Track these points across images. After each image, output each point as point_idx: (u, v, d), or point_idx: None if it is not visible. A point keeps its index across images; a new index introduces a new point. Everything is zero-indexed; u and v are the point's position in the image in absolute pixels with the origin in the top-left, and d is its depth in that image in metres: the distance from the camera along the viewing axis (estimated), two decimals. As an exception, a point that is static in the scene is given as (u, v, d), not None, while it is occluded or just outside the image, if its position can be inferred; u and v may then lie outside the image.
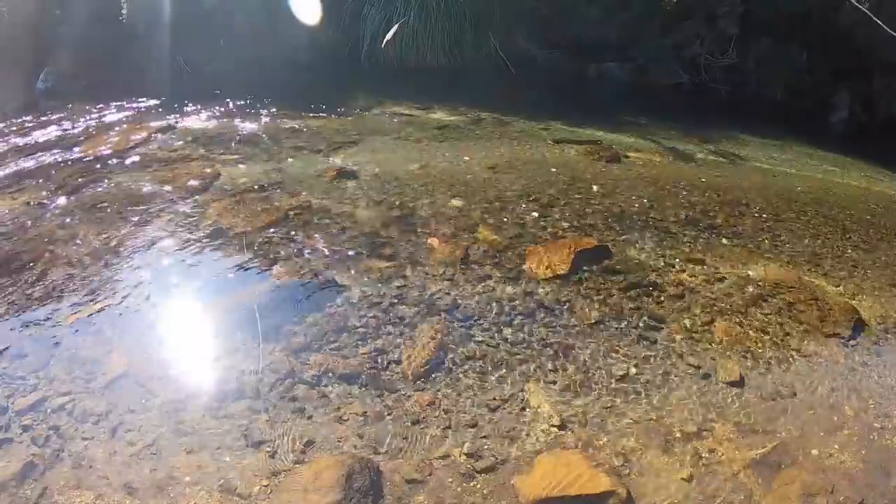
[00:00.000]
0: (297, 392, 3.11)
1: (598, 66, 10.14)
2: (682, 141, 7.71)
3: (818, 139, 9.00)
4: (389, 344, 3.46)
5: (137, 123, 6.57)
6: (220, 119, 6.86)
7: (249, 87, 7.85)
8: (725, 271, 4.54)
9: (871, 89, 10.33)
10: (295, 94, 7.89)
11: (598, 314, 3.86)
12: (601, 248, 4.51)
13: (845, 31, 9.66)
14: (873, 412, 3.44)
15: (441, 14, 9.22)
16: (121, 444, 2.78)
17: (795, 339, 3.91)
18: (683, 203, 5.60)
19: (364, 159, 5.86)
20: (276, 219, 4.61)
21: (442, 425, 2.99)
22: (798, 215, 5.76)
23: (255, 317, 3.56)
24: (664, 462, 2.93)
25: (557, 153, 6.55)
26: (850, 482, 2.95)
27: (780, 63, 10.20)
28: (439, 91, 8.47)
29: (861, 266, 4.97)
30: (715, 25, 9.83)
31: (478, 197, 5.20)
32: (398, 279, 4.01)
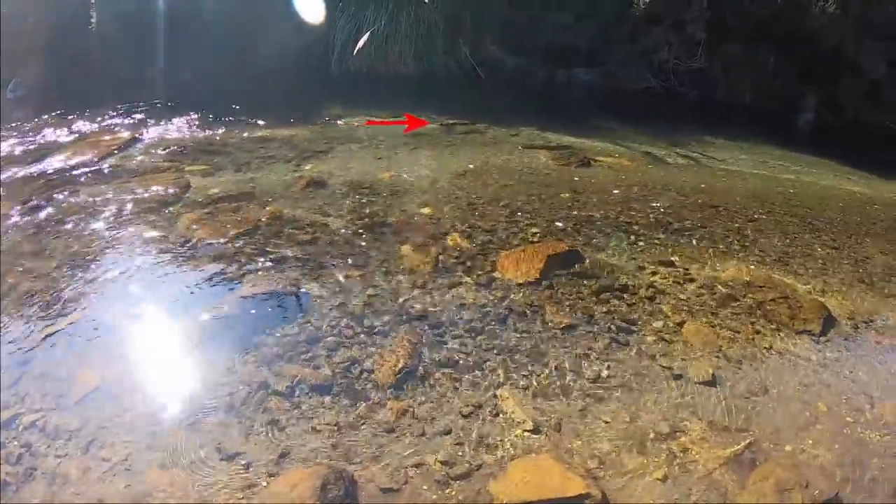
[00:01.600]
0: (271, 403, 3.10)
1: (567, 72, 10.28)
2: (652, 145, 7.84)
3: (786, 141, 9.21)
4: (362, 353, 3.47)
5: (107, 133, 6.53)
6: (191, 129, 6.85)
7: (220, 95, 7.86)
8: (696, 272, 4.61)
9: (838, 91, 10.57)
10: (265, 102, 7.90)
11: (569, 318, 3.89)
12: (572, 252, 4.56)
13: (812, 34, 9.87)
14: (845, 406, 3.52)
15: (411, 21, 9.29)
16: (94, 461, 2.75)
17: (766, 338, 3.99)
18: (653, 206, 5.69)
19: (335, 168, 5.89)
20: (247, 229, 4.62)
21: (416, 433, 3.00)
22: (767, 216, 5.88)
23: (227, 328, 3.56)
24: (639, 463, 2.96)
25: (528, 159, 6.62)
26: (824, 476, 3.01)
27: (747, 67, 10.41)
28: (410, 98, 8.54)
29: (830, 264, 5.08)
30: (683, 30, 10.02)
31: (449, 204, 5.24)
32: (370, 288, 4.03)
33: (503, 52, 10.05)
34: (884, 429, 3.40)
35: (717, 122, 9.42)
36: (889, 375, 3.88)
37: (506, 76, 9.92)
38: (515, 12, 9.81)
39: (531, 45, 10.08)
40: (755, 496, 2.86)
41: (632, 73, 10.24)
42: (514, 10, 9.81)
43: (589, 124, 8.40)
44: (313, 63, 9.34)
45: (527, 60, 10.12)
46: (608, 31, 10.07)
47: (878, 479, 3.07)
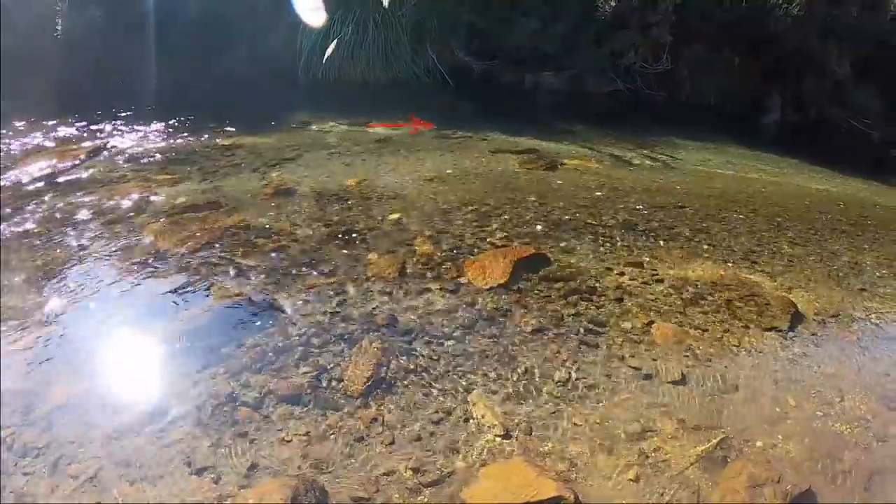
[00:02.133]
0: (239, 415, 3.07)
1: (534, 76, 10.37)
2: (619, 147, 7.92)
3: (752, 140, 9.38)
4: (330, 362, 3.45)
5: (71, 143, 6.44)
6: (157, 137, 6.79)
7: (186, 103, 7.81)
8: (664, 273, 4.66)
9: (802, 91, 10.80)
10: (232, 109, 7.86)
11: (538, 322, 3.90)
12: (539, 255, 4.58)
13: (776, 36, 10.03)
14: (815, 401, 3.58)
15: (379, 28, 9.31)
16: (63, 478, 2.71)
17: (735, 336, 4.03)
18: (620, 207, 5.74)
19: (302, 175, 5.87)
20: (213, 239, 4.58)
21: (386, 441, 2.99)
22: (734, 215, 5.96)
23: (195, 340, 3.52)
24: (611, 464, 2.97)
25: (495, 163, 6.65)
26: (796, 470, 3.05)
27: (712, 68, 10.59)
28: (377, 104, 8.56)
29: (797, 260, 5.16)
30: (649, 34, 10.15)
31: (416, 210, 5.24)
32: (337, 296, 4.01)
33: (470, 58, 10.11)
34: (854, 421, 3.45)
35: (684, 123, 9.56)
36: (857, 368, 3.95)
37: (473, 81, 9.98)
38: (482, 18, 9.86)
39: (498, 50, 10.14)
40: (728, 493, 2.88)
41: (598, 76, 10.35)
42: (481, 16, 9.85)
43: (556, 128, 8.47)
44: (280, 70, 9.32)
45: (494, 65, 10.17)
46: (575, 35, 10.15)
47: (849, 470, 3.12)
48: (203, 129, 7.06)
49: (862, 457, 3.22)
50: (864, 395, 3.68)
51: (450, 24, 9.79)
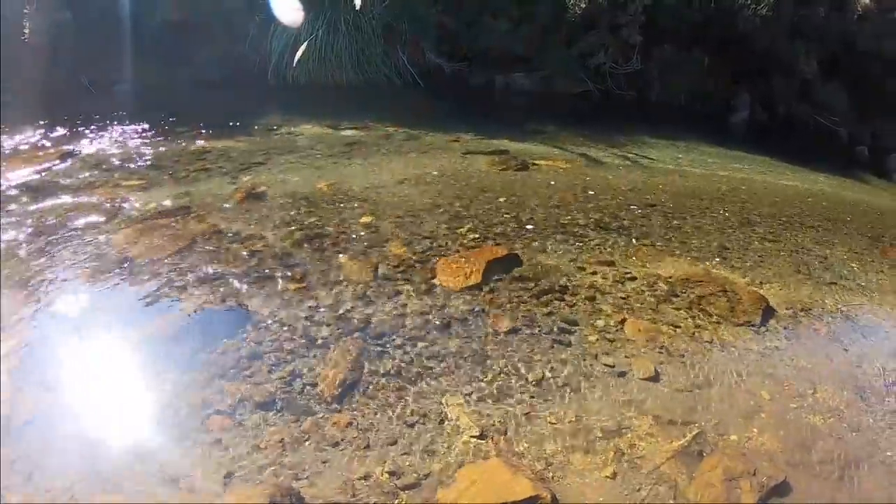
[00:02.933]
0: (213, 423, 3.04)
1: (505, 78, 10.40)
2: (590, 147, 7.98)
3: (722, 139, 9.52)
4: (304, 367, 3.44)
5: (40, 149, 6.34)
6: (126, 142, 6.71)
7: (156, 107, 7.73)
8: (635, 271, 4.71)
9: (770, 90, 10.98)
10: (202, 113, 7.79)
11: (511, 322, 3.93)
12: (512, 256, 4.61)
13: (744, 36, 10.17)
14: (788, 393, 3.65)
15: (349, 30, 9.30)
16: (37, 491, 2.66)
17: (707, 331, 4.09)
18: (592, 207, 5.80)
19: (273, 179, 5.84)
20: (184, 245, 4.53)
21: (361, 445, 2.98)
22: (704, 212, 6.05)
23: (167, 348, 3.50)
24: (587, 462, 3.00)
25: (466, 164, 6.67)
26: (771, 462, 3.10)
27: (682, 68, 10.70)
28: (348, 107, 8.54)
29: (767, 256, 5.25)
30: (618, 34, 10.24)
31: (388, 212, 5.24)
32: (310, 300, 3.99)
33: (441, 59, 10.13)
34: (826, 412, 3.53)
35: (654, 122, 9.68)
36: (829, 360, 4.04)
37: (444, 83, 10.00)
38: (453, 19, 9.89)
39: (469, 52, 10.18)
40: (704, 487, 2.92)
41: (569, 77, 10.42)
42: (452, 18, 9.89)
43: (527, 128, 8.53)
44: (250, 73, 9.27)
45: (465, 67, 10.21)
46: (545, 36, 10.21)
47: (824, 461, 3.19)
48: (173, 134, 7.00)
49: (836, 447, 3.29)
50: (836, 387, 3.76)
51: (421, 25, 9.80)
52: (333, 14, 9.27)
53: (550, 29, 10.17)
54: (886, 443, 3.40)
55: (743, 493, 2.90)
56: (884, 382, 3.90)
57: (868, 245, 6.00)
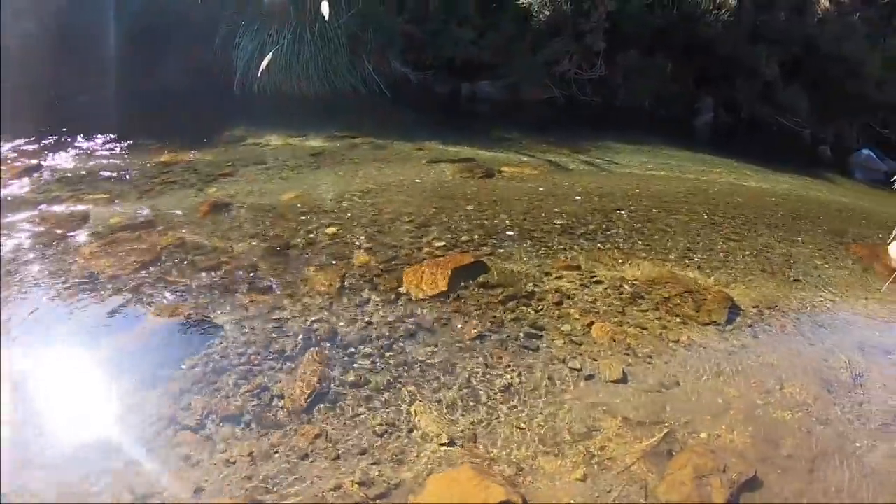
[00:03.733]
0: (181, 439, 3.02)
1: (471, 86, 10.46)
2: (555, 153, 8.04)
3: (686, 142, 9.64)
4: (271, 379, 3.42)
5: (3, 163, 6.24)
6: (90, 155, 6.62)
7: (121, 119, 7.65)
8: (601, 275, 4.76)
9: (734, 93, 11.15)
10: (167, 125, 7.74)
11: (478, 329, 3.95)
12: (478, 263, 4.64)
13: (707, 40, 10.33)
14: (756, 390, 3.72)
15: (315, 40, 9.30)
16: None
17: (674, 332, 4.15)
18: (557, 213, 5.84)
19: (238, 190, 5.81)
20: (149, 259, 4.49)
21: (331, 456, 2.97)
22: (669, 215, 6.12)
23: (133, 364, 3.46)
24: (557, 465, 3.02)
25: (432, 173, 6.70)
26: (740, 458, 3.15)
27: (646, 74, 10.83)
28: (314, 117, 8.53)
29: (732, 256, 5.34)
30: (583, 41, 10.31)
31: (353, 222, 5.25)
32: (276, 312, 3.98)
33: (407, 68, 10.17)
34: (794, 407, 3.60)
35: (619, 127, 9.77)
36: (795, 356, 4.11)
37: (410, 92, 10.03)
38: (418, 28, 9.93)
39: (434, 60, 10.22)
40: (674, 485, 2.96)
41: (534, 84, 10.49)
42: (417, 27, 9.93)
43: (493, 136, 8.57)
44: (216, 85, 9.22)
45: (431, 76, 10.25)
46: (510, 44, 10.28)
47: (793, 455, 3.25)
48: (138, 146, 6.93)
49: (805, 441, 3.36)
50: (803, 382, 3.84)
51: (386, 35, 9.82)
52: (299, 24, 9.27)
53: (515, 37, 10.23)
54: (855, 434, 3.48)
55: (713, 490, 2.94)
56: (850, 375, 3.99)
57: (832, 242, 6.12)
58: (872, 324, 4.74)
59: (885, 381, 4.00)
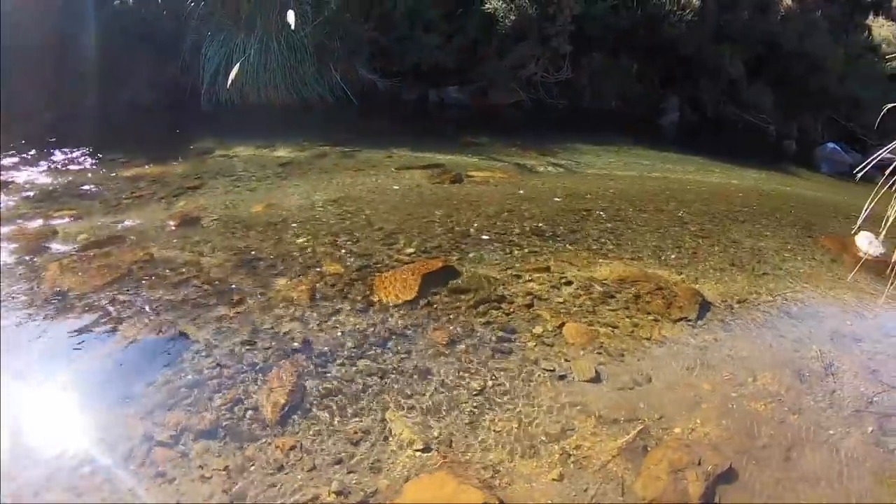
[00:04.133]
0: (156, 455, 2.98)
1: (438, 91, 10.49)
2: (523, 156, 8.10)
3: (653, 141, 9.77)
4: (245, 392, 3.39)
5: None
6: (56, 171, 6.52)
7: (86, 133, 7.55)
8: (571, 275, 4.80)
9: (699, 92, 11.31)
10: (134, 139, 7.66)
11: (450, 334, 3.96)
12: (448, 268, 4.66)
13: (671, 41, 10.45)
14: (728, 383, 3.77)
15: (281, 49, 9.27)
16: None
17: (645, 329, 4.19)
18: (526, 215, 5.88)
19: (207, 203, 5.76)
20: (118, 275, 4.43)
21: (307, 467, 2.96)
22: (637, 214, 6.20)
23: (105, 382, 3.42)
24: (533, 466, 3.03)
25: (401, 180, 6.70)
26: (715, 451, 3.20)
27: (611, 75, 10.96)
28: (282, 127, 8.50)
29: (700, 252, 5.41)
30: (548, 45, 10.38)
31: (323, 231, 5.23)
32: (248, 324, 3.95)
33: (375, 76, 10.17)
34: (767, 398, 3.66)
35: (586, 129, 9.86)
36: (766, 348, 4.19)
37: (378, 99, 10.03)
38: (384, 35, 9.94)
39: (402, 67, 10.23)
40: (651, 480, 2.99)
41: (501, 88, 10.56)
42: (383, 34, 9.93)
43: (461, 141, 8.60)
44: (182, 97, 9.14)
45: (398, 82, 10.26)
46: (476, 49, 10.33)
47: (767, 445, 3.30)
48: (105, 161, 6.84)
49: (779, 430, 3.42)
50: (776, 373, 3.91)
51: (353, 42, 9.82)
52: (265, 34, 9.25)
53: (482, 42, 10.29)
54: (828, 422, 3.54)
55: (689, 483, 2.98)
56: (822, 364, 4.07)
57: (799, 235, 6.23)
58: (842, 313, 4.84)
59: (856, 369, 4.09)
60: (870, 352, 4.34)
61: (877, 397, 3.84)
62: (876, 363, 4.21)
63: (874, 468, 3.28)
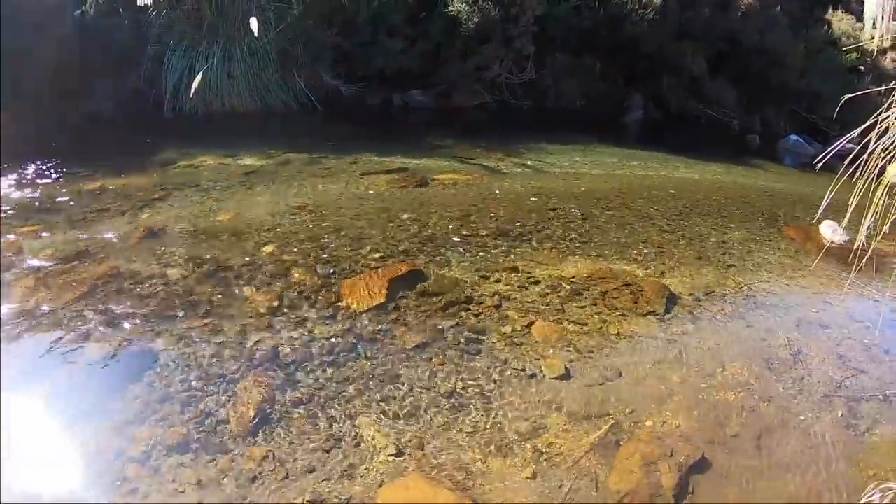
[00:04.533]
0: (128, 472, 2.94)
1: (402, 95, 10.49)
2: (489, 158, 8.13)
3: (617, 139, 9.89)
4: (215, 404, 3.36)
5: None
6: (18, 186, 6.39)
7: (48, 147, 7.40)
8: (539, 275, 4.83)
9: (662, 89, 11.42)
10: (97, 152, 7.51)
11: (419, 337, 3.96)
12: (415, 271, 4.66)
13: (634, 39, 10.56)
14: (697, 374, 3.83)
15: (245, 57, 9.20)
16: None
17: (613, 325, 4.24)
18: (492, 216, 5.91)
19: (172, 215, 5.69)
20: (85, 291, 4.35)
21: (280, 477, 2.94)
22: (604, 211, 6.27)
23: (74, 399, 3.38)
24: (506, 466, 3.05)
25: (367, 185, 6.68)
26: (687, 442, 3.25)
27: (575, 75, 11.04)
28: (247, 135, 8.42)
29: (667, 247, 5.48)
30: (512, 46, 10.41)
31: (289, 239, 5.20)
32: (216, 335, 3.91)
33: (338, 81, 10.12)
34: (736, 387, 3.73)
35: (551, 129, 9.93)
36: (733, 339, 4.27)
37: (342, 104, 9.98)
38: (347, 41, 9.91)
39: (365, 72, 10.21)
40: (624, 474, 3.02)
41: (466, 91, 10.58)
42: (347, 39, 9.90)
43: (425, 144, 8.62)
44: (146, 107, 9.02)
45: (362, 87, 10.24)
46: (440, 51, 10.33)
47: (739, 434, 3.37)
48: (67, 175, 6.72)
49: (750, 419, 3.49)
50: (744, 362, 3.99)
51: (316, 48, 9.77)
52: (228, 42, 9.18)
53: (445, 45, 10.29)
54: (798, 408, 3.63)
55: (662, 475, 3.02)
56: (790, 352, 4.16)
57: (764, 226, 6.33)
58: (808, 301, 4.94)
59: (824, 355, 4.18)
60: (837, 337, 4.43)
61: (845, 381, 3.93)
62: (843, 348, 4.31)
63: (846, 451, 3.36)
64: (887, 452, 3.40)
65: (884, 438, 3.50)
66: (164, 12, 9.01)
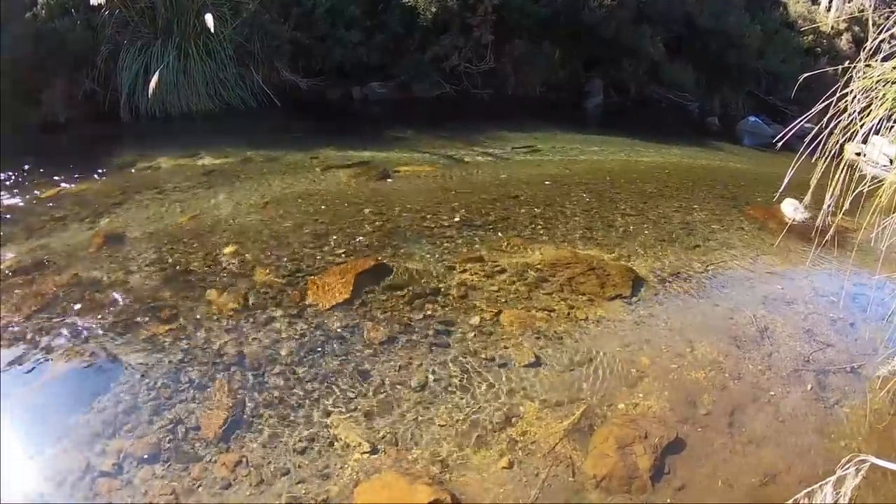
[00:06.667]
0: (100, 486, 2.88)
1: (362, 88, 10.40)
2: (451, 147, 8.11)
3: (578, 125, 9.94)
4: (184, 411, 3.31)
5: None
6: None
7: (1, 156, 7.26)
8: (504, 263, 4.84)
9: (621, 74, 11.49)
10: (52, 158, 7.33)
11: (387, 332, 3.95)
12: (380, 266, 4.63)
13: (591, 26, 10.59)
14: (667, 355, 3.88)
15: (201, 55, 9.04)
16: None
17: (581, 310, 4.26)
18: (456, 207, 5.90)
19: (131, 219, 5.58)
20: (45, 302, 4.25)
21: (254, 481, 2.91)
22: (566, 197, 6.30)
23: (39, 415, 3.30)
24: (481, 457, 3.05)
25: (328, 180, 6.62)
26: (660, 423, 3.29)
27: (534, 62, 11.02)
28: (205, 136, 8.27)
29: (632, 230, 5.55)
30: (470, 35, 10.39)
31: (252, 239, 5.13)
32: (182, 341, 3.85)
33: (296, 76, 10.01)
34: (707, 366, 3.79)
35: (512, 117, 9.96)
36: (701, 318, 4.33)
37: (301, 99, 9.87)
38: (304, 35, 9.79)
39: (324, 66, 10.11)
40: (599, 458, 3.05)
41: (425, 81, 10.53)
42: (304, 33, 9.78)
43: (386, 137, 8.58)
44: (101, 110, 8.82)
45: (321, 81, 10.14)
46: (398, 43, 10.28)
47: (711, 412, 3.42)
48: (22, 183, 6.55)
49: (721, 397, 3.54)
50: (713, 341, 4.05)
51: (273, 44, 9.65)
52: (183, 40, 9.02)
53: (403, 36, 10.24)
54: (767, 383, 3.70)
55: (638, 457, 3.05)
56: (757, 329, 4.24)
57: (727, 207, 6.41)
58: (772, 278, 5.02)
59: (790, 331, 4.26)
60: (803, 312, 4.52)
61: (813, 355, 4.01)
62: (809, 323, 4.39)
63: (816, 423, 3.44)
64: (857, 423, 3.48)
65: (853, 410, 3.58)
66: (117, 11, 8.82)
